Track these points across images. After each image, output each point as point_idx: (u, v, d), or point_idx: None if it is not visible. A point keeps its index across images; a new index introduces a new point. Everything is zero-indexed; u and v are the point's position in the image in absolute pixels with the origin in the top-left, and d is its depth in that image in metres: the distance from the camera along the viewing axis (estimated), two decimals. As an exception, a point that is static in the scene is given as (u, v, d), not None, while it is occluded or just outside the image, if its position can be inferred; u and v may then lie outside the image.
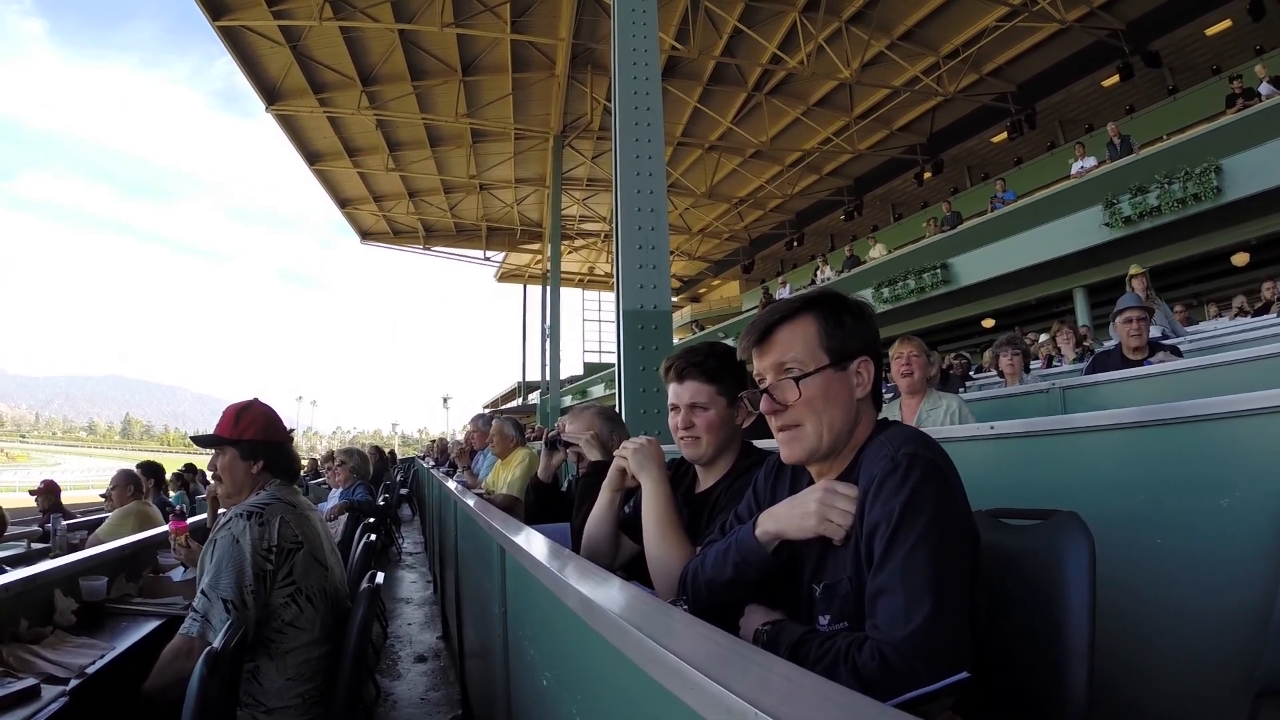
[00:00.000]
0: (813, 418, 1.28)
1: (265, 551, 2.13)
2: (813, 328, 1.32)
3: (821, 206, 27.01)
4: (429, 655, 4.93)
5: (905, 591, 1.03)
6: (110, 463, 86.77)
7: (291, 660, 2.14)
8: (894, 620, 1.02)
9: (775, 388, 1.31)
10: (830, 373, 1.30)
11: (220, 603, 2.03)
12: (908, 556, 1.05)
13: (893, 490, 1.10)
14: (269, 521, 2.17)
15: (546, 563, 1.19)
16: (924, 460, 1.13)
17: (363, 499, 5.69)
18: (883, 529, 1.09)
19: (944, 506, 1.10)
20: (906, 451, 1.14)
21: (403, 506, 14.33)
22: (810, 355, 1.30)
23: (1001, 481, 1.97)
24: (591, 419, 2.75)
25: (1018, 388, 5.24)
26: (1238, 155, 10.28)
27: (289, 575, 2.17)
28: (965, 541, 1.13)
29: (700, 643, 0.67)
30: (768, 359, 1.34)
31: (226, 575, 2.06)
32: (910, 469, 1.11)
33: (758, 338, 1.36)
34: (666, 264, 5.86)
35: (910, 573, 1.04)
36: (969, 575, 1.11)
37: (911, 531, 1.06)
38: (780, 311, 1.36)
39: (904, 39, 16.98)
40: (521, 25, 16.47)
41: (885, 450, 1.17)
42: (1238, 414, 1.52)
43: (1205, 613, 1.51)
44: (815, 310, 1.34)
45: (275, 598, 2.13)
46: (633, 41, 6.38)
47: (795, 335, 1.32)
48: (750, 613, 1.30)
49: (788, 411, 1.30)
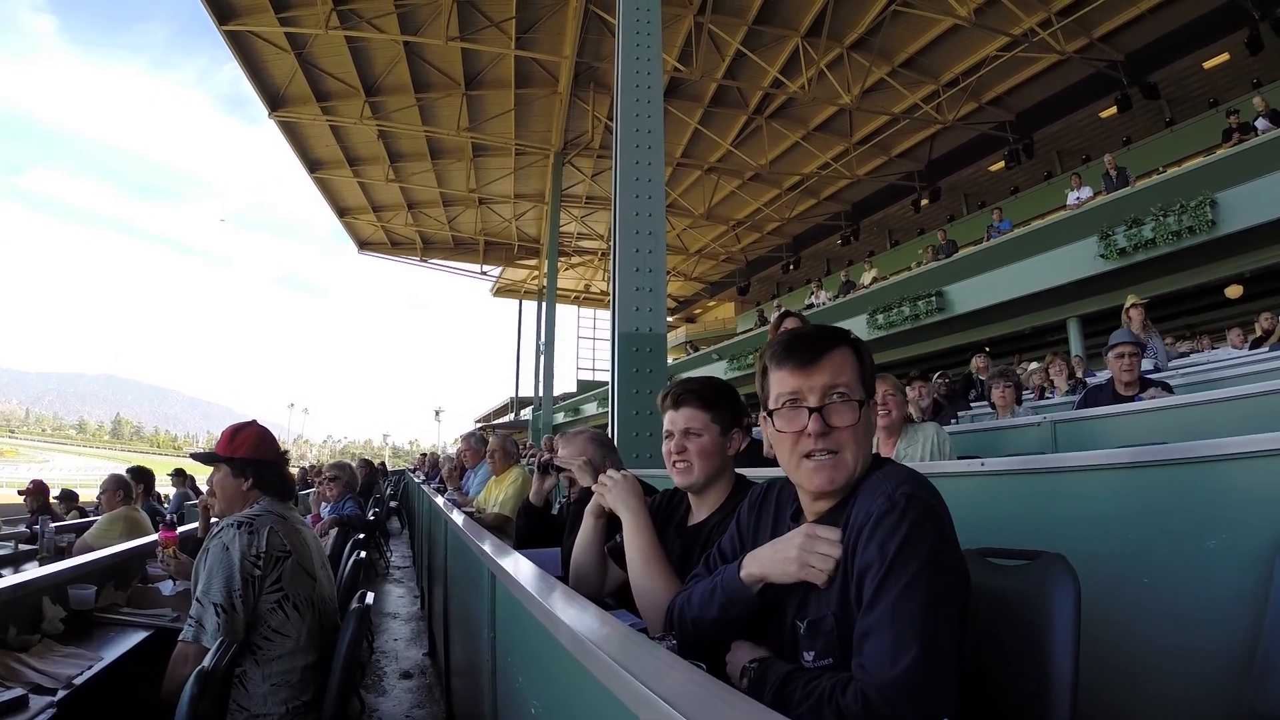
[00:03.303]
0: (853, 447, 1.26)
1: (254, 558, 2.19)
2: (852, 360, 1.31)
3: (819, 231, 27.22)
4: (415, 672, 4.90)
5: (894, 634, 1.02)
6: (99, 462, 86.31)
7: (276, 668, 2.18)
8: (881, 662, 1.02)
9: (833, 409, 1.27)
10: (868, 407, 1.30)
11: (212, 607, 2.10)
12: (898, 599, 1.04)
13: (889, 531, 1.10)
14: (258, 530, 2.24)
15: (538, 595, 1.20)
16: (921, 502, 1.13)
17: (352, 513, 5.67)
18: (875, 569, 1.08)
19: (938, 549, 1.09)
20: (905, 491, 1.14)
21: (392, 519, 14.26)
22: (857, 386, 1.29)
23: (990, 518, 1.98)
24: (584, 444, 2.75)
25: (1009, 420, 5.26)
26: (1232, 189, 10.36)
27: (277, 582, 2.22)
28: (957, 585, 1.12)
29: (689, 687, 0.68)
30: (818, 379, 1.28)
31: (217, 581, 2.13)
32: (907, 510, 1.11)
33: (810, 356, 1.30)
34: (663, 286, 5.90)
35: (900, 615, 1.03)
36: (959, 618, 1.10)
37: (904, 574, 1.06)
38: (827, 336, 1.33)
39: (905, 66, 17.18)
40: (526, 41, 16.61)
41: (883, 488, 1.17)
42: (1226, 457, 1.54)
43: (1190, 652, 1.52)
44: (851, 345, 1.33)
45: (263, 603, 2.19)
46: (636, 64, 6.44)
47: (846, 363, 1.30)
48: (736, 649, 1.30)
49: (833, 436, 1.26)
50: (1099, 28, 15.70)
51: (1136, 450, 1.71)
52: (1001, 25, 15.22)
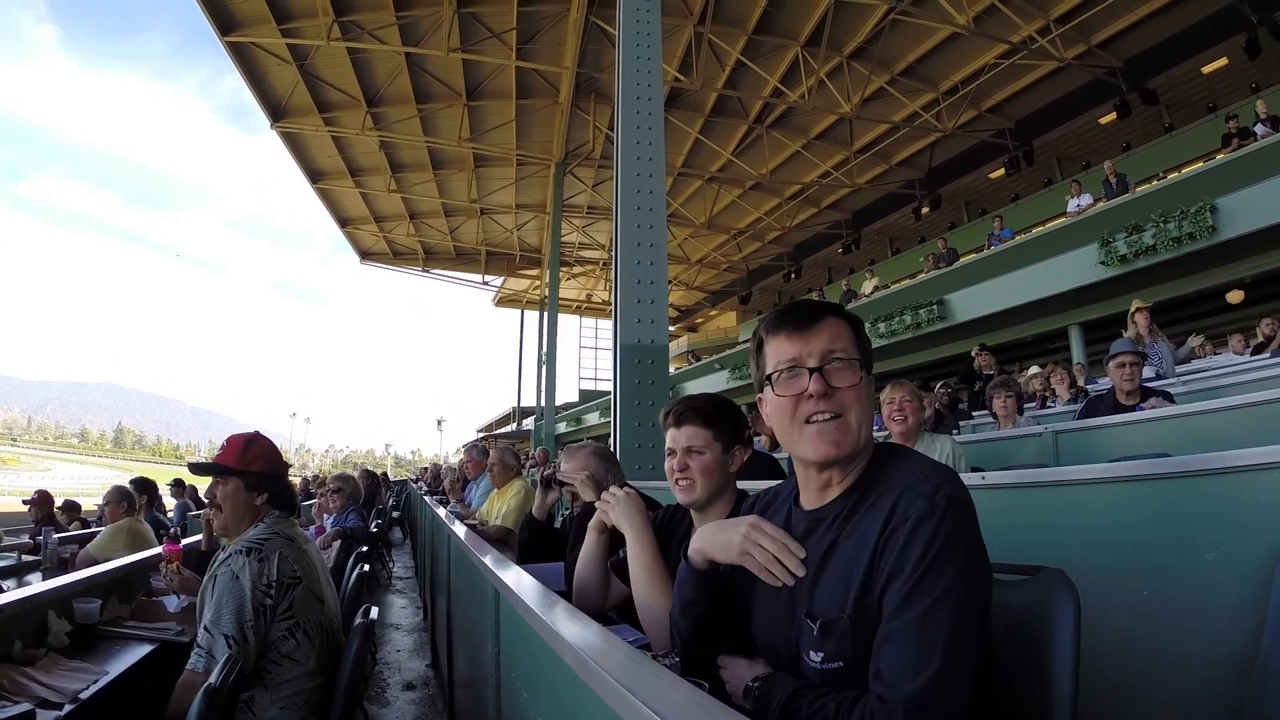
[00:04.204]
0: (857, 409, 1.22)
1: (265, 587, 2.15)
2: (848, 328, 1.28)
3: (819, 239, 27.22)
4: (418, 683, 4.90)
5: (919, 646, 1.00)
6: (101, 471, 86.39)
7: (286, 691, 2.16)
8: (901, 673, 1.00)
9: (834, 370, 1.23)
10: (865, 377, 1.26)
11: (222, 638, 2.06)
12: (929, 610, 1.02)
13: (928, 537, 1.05)
14: (268, 558, 2.20)
15: (542, 614, 1.20)
16: (960, 506, 1.09)
17: (355, 525, 5.68)
18: (908, 574, 1.05)
19: (972, 558, 1.07)
20: (945, 495, 1.09)
21: (394, 530, 14.25)
22: (854, 351, 1.26)
23: (991, 530, 1.97)
24: (587, 459, 2.77)
25: (1011, 430, 5.25)
26: (1233, 194, 10.41)
27: (288, 610, 2.19)
28: (984, 594, 1.10)
29: (692, 710, 0.69)
30: (816, 343, 1.24)
31: (227, 611, 2.09)
32: (948, 514, 1.07)
33: (807, 320, 1.27)
34: (664, 296, 5.91)
35: (928, 627, 1.01)
36: (982, 624, 1.08)
37: (937, 584, 1.03)
38: (821, 305, 1.31)
39: (904, 75, 17.22)
40: (527, 52, 16.66)
41: (921, 488, 1.11)
42: (1225, 470, 1.56)
43: (1189, 663, 1.53)
44: (846, 316, 1.31)
45: (274, 631, 2.16)
46: (637, 75, 6.47)
47: (841, 330, 1.27)
48: (735, 665, 1.27)
49: (835, 397, 1.22)
50: (1097, 34, 15.74)
51: (1137, 464, 1.73)
52: (1000, 33, 15.25)
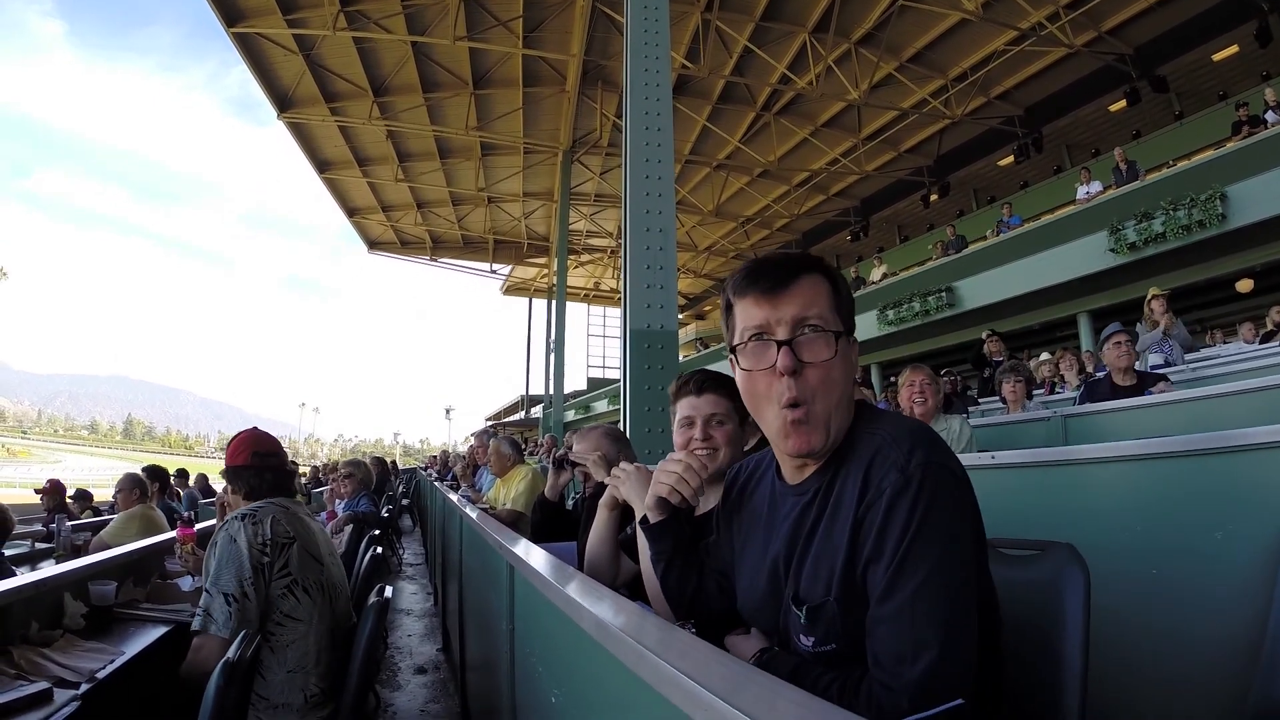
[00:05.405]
0: (825, 396, 1.09)
1: (260, 546, 2.27)
2: (826, 287, 1.14)
3: (828, 227, 27.19)
4: (429, 667, 4.94)
5: (913, 629, 0.93)
6: (111, 462, 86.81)
7: (292, 653, 2.25)
8: (899, 659, 0.93)
9: (805, 343, 1.09)
10: (845, 341, 1.12)
11: (221, 596, 2.17)
12: (917, 591, 0.93)
13: (906, 512, 0.96)
14: (262, 520, 2.33)
15: (559, 584, 1.21)
16: (937, 470, 0.98)
17: (367, 510, 5.72)
18: (890, 555, 0.96)
19: (959, 525, 0.98)
20: (919, 461, 0.98)
21: (403, 517, 14.33)
22: (832, 317, 1.12)
23: (1000, 510, 1.99)
24: (599, 439, 2.79)
25: (1020, 415, 5.26)
26: (1243, 182, 10.36)
27: (285, 567, 2.30)
28: (977, 559, 1.01)
29: (713, 666, 0.70)
30: (788, 308, 1.10)
31: (226, 571, 2.20)
32: (924, 483, 0.97)
33: (778, 280, 1.12)
34: (674, 283, 5.92)
35: (919, 607, 0.93)
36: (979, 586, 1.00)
37: (922, 564, 0.94)
38: (795, 262, 1.15)
39: (913, 61, 17.13)
40: (533, 40, 16.62)
41: (893, 456, 1.01)
42: (1234, 449, 1.56)
43: (1198, 642, 1.54)
44: (824, 271, 1.16)
45: (273, 589, 2.26)
46: (645, 61, 6.45)
47: (817, 290, 1.12)
48: (738, 642, 1.26)
49: (804, 378, 1.09)
50: (1107, 21, 15.63)
51: (1145, 443, 1.73)
52: (1009, 19, 15.15)
